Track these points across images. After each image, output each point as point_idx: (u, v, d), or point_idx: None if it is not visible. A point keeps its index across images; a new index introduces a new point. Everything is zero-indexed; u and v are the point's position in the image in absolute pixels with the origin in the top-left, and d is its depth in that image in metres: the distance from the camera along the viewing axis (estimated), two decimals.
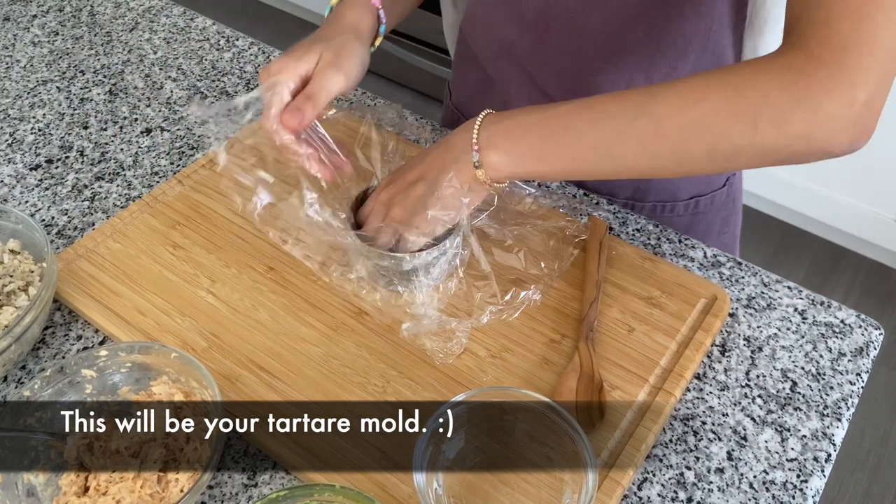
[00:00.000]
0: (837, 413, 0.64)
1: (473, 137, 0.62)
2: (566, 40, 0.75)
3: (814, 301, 0.72)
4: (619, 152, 0.58)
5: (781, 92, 0.52)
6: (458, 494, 0.57)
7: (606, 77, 0.76)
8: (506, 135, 0.62)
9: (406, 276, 0.68)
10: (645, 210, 0.87)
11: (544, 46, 0.77)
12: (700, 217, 0.89)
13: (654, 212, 0.87)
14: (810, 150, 0.54)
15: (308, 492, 0.53)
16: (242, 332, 0.68)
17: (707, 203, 0.88)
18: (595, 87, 0.77)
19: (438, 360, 0.65)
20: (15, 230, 0.72)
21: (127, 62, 1.02)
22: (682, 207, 0.87)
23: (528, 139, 0.61)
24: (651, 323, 0.68)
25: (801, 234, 2.14)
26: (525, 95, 0.83)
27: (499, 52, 0.83)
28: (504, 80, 0.84)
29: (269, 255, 0.74)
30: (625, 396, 0.63)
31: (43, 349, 0.69)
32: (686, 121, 0.55)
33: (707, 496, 0.59)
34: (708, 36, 0.73)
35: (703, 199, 0.87)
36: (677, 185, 0.85)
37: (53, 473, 0.59)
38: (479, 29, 0.86)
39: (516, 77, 0.82)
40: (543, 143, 0.60)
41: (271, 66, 0.68)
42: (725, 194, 0.89)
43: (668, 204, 0.87)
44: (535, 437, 0.59)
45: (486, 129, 0.62)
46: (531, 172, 0.62)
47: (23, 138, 0.91)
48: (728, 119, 0.54)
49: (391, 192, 0.67)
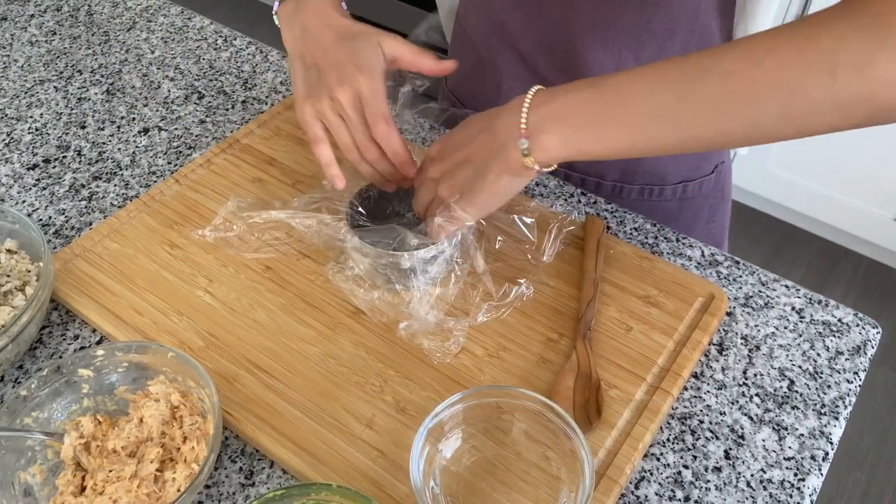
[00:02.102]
0: (835, 412, 0.64)
1: (522, 122, 0.58)
2: (557, 18, 0.76)
3: (811, 300, 0.72)
4: (684, 119, 0.53)
5: (860, 33, 0.46)
6: (455, 493, 0.57)
7: (596, 55, 0.77)
8: (556, 116, 0.57)
9: (404, 275, 0.68)
10: (633, 193, 0.87)
11: (536, 24, 0.78)
12: (688, 203, 0.89)
13: (643, 195, 0.87)
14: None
15: (305, 491, 0.53)
16: (240, 332, 0.68)
17: (695, 189, 0.88)
18: (585, 65, 0.78)
19: (436, 359, 0.65)
20: (12, 230, 0.72)
21: (124, 62, 1.02)
22: (669, 192, 0.87)
23: (581, 117, 0.56)
24: (648, 322, 0.68)
25: (800, 233, 2.14)
26: (517, 76, 0.84)
27: (491, 31, 0.83)
28: (496, 60, 0.85)
29: (267, 255, 0.74)
30: (622, 395, 0.63)
31: (40, 349, 0.69)
32: (756, 75, 0.49)
33: (704, 495, 0.59)
34: (696, 17, 0.74)
35: (692, 184, 0.88)
36: (666, 169, 0.86)
37: (50, 473, 0.59)
38: (473, 9, 0.86)
39: (508, 56, 0.83)
40: (599, 120, 0.56)
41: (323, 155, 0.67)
42: (714, 181, 0.90)
43: (657, 188, 0.87)
44: (533, 437, 0.59)
45: (534, 111, 0.58)
46: (586, 152, 0.57)
47: (20, 138, 0.91)
48: (802, 69, 0.48)
49: (438, 170, 0.65)
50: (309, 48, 0.68)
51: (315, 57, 0.67)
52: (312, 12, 0.69)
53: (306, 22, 0.69)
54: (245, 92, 0.97)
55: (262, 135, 0.88)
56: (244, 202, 0.76)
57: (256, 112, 0.94)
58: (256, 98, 0.96)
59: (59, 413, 0.61)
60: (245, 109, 0.94)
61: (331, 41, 0.67)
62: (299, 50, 0.68)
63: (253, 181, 0.82)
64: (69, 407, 0.61)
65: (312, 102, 0.66)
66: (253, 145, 0.86)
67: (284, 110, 0.91)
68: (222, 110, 0.94)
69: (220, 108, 0.94)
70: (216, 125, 0.92)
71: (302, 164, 0.84)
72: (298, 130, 0.88)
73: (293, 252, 0.74)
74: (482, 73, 0.88)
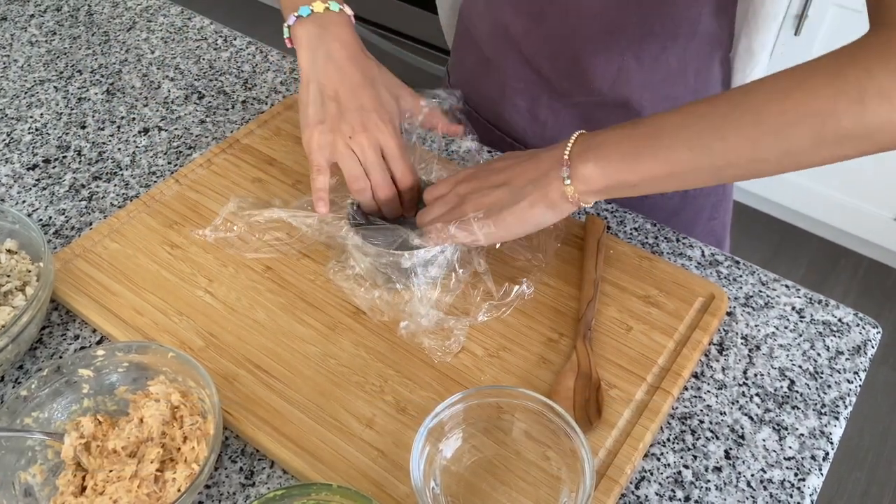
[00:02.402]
0: (835, 411, 0.64)
1: (565, 154, 0.60)
2: (559, 24, 0.76)
3: (812, 299, 0.72)
4: (718, 148, 0.54)
5: (884, 65, 0.50)
6: (455, 493, 0.57)
7: (598, 58, 0.77)
8: (597, 147, 0.59)
9: (405, 274, 0.68)
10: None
11: (538, 29, 0.78)
12: (690, 201, 0.89)
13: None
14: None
15: (305, 491, 0.53)
16: (240, 332, 0.68)
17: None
18: (588, 69, 0.79)
19: (437, 358, 0.65)
20: (12, 230, 0.72)
21: (124, 62, 1.02)
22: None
23: (619, 149, 0.59)
24: (649, 322, 0.68)
25: (800, 233, 2.14)
26: (521, 77, 0.84)
27: (495, 33, 0.83)
28: (500, 61, 0.85)
29: (268, 255, 0.74)
30: (622, 395, 0.63)
31: (40, 349, 0.69)
32: (788, 105, 0.52)
33: (705, 495, 0.59)
34: (699, 20, 0.74)
35: None
36: None
37: (50, 473, 0.59)
38: (476, 10, 0.86)
39: (512, 58, 0.83)
40: (634, 152, 0.58)
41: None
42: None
43: None
44: (533, 436, 0.59)
45: (577, 145, 0.61)
46: (623, 183, 0.59)
47: (20, 138, 0.91)
48: (833, 98, 0.50)
49: (469, 187, 0.66)
50: (331, 81, 0.68)
51: (337, 91, 0.68)
52: (338, 42, 0.69)
53: (331, 51, 0.69)
54: (245, 92, 0.97)
55: (262, 135, 0.88)
56: (245, 202, 0.76)
57: (256, 112, 0.94)
58: (256, 98, 0.96)
59: (60, 413, 0.61)
60: (245, 109, 0.94)
61: (356, 81, 0.68)
62: (318, 77, 0.68)
63: (253, 181, 0.82)
64: (69, 407, 0.61)
65: (324, 133, 0.67)
66: (253, 145, 0.86)
67: (284, 110, 0.91)
68: (222, 110, 0.94)
69: (220, 108, 0.94)
70: (216, 125, 0.92)
71: (302, 164, 0.84)
72: (298, 130, 0.88)
73: (293, 252, 0.74)
74: (486, 73, 0.89)
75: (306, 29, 0.70)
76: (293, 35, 0.71)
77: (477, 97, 0.93)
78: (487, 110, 0.92)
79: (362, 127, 0.67)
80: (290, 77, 0.99)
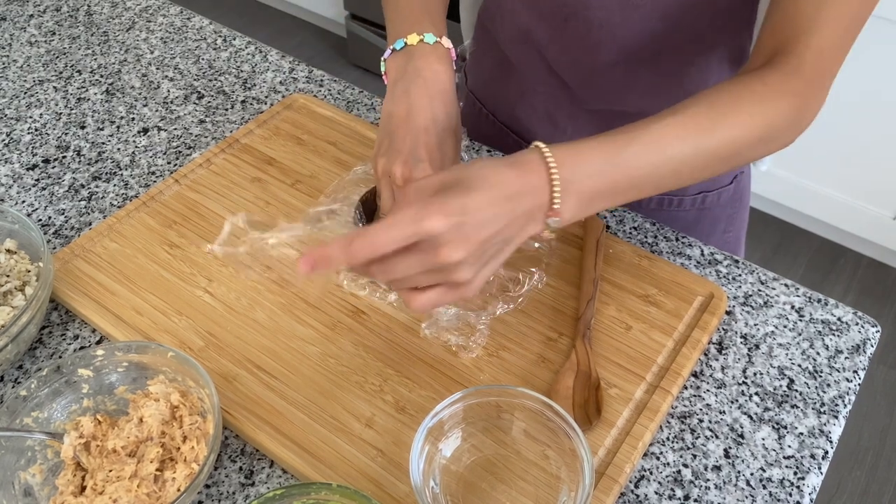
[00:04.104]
0: (834, 410, 0.64)
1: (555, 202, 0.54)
2: (581, 34, 0.76)
3: (811, 298, 0.72)
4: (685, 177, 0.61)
5: (793, 119, 0.60)
6: (454, 493, 0.57)
7: (618, 70, 0.77)
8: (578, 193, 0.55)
9: None
10: (652, 203, 0.87)
11: (560, 37, 0.78)
12: (706, 213, 0.89)
13: (661, 205, 0.87)
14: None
15: (305, 490, 0.53)
16: (239, 332, 0.68)
17: (714, 199, 0.88)
18: (608, 80, 0.79)
19: (464, 354, 0.66)
20: (11, 230, 0.72)
21: (124, 62, 1.02)
22: (689, 202, 0.88)
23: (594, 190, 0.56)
24: (648, 321, 0.68)
25: (800, 232, 2.14)
26: (542, 80, 0.84)
27: (517, 37, 0.83)
28: (522, 65, 0.85)
29: (266, 254, 0.74)
30: (622, 394, 0.63)
31: (40, 349, 0.69)
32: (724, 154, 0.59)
33: (704, 493, 0.59)
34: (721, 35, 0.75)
35: (711, 194, 0.88)
36: None
37: (50, 473, 0.59)
38: (498, 13, 0.86)
39: (534, 62, 0.83)
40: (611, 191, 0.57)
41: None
42: (732, 191, 0.90)
43: (676, 198, 0.87)
44: (532, 436, 0.59)
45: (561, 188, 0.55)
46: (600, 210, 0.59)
47: (20, 138, 0.91)
48: (758, 146, 0.60)
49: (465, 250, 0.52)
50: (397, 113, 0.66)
51: (396, 129, 0.65)
52: (420, 80, 0.66)
53: (409, 88, 0.66)
54: (244, 92, 0.97)
55: (262, 134, 0.88)
56: (252, 218, 0.75)
57: (256, 112, 0.94)
58: (256, 98, 0.96)
59: (59, 413, 0.61)
60: (244, 109, 0.94)
61: (421, 126, 0.65)
62: (388, 108, 0.67)
63: (252, 181, 0.82)
64: (69, 407, 0.61)
65: (388, 162, 0.65)
66: (252, 145, 0.86)
67: (284, 110, 0.91)
68: (222, 110, 0.94)
69: (219, 108, 0.94)
70: (215, 125, 0.92)
71: (301, 164, 0.84)
72: (297, 130, 0.88)
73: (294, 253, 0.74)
74: (506, 76, 0.88)
75: (396, 63, 0.68)
76: (387, 68, 0.69)
77: (494, 100, 0.92)
78: (504, 113, 0.91)
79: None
80: (290, 77, 0.99)
